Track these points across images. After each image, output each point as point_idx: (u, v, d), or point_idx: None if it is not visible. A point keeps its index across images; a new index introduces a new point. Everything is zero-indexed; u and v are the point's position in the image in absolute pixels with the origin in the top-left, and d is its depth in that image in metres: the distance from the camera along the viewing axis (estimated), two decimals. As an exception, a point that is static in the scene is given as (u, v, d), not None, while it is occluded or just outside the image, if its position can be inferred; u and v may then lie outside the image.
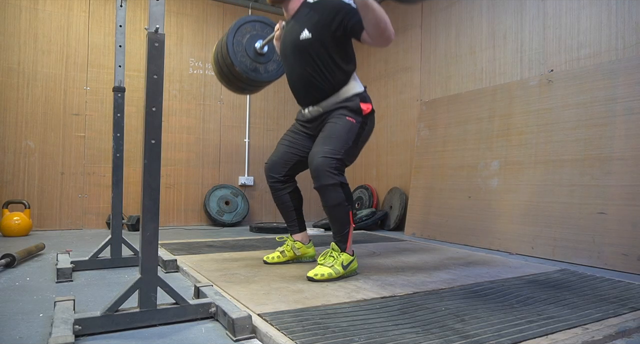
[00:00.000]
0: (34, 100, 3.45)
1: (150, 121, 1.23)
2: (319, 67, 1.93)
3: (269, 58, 2.43)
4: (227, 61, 2.32)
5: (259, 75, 2.41)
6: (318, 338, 1.13)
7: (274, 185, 2.16)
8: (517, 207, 2.76)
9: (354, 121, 1.91)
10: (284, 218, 2.22)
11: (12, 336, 1.18)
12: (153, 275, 1.25)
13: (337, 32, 1.87)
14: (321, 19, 1.89)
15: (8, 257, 2.00)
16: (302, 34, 1.92)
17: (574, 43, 2.69)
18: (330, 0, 1.91)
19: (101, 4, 3.70)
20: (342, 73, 1.95)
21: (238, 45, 2.34)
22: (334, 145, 1.84)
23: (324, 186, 1.79)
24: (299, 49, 1.95)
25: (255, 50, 2.38)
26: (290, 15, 2.05)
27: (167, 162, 3.92)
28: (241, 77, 2.37)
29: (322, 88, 1.95)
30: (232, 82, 2.47)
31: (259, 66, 2.40)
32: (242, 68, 2.33)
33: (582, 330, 1.23)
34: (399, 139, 4.09)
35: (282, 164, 2.13)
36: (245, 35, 2.36)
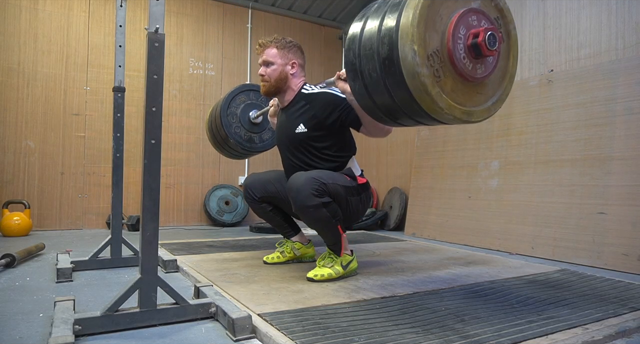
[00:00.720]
0: (34, 100, 3.45)
1: (150, 120, 1.23)
2: (315, 159, 1.92)
3: (263, 127, 2.43)
4: (222, 133, 2.33)
5: (253, 146, 2.41)
6: (318, 338, 1.13)
7: (251, 203, 2.13)
8: (517, 207, 2.76)
9: (349, 178, 1.85)
10: (275, 228, 2.21)
11: (12, 336, 1.18)
12: (153, 275, 1.25)
13: (334, 126, 1.86)
14: (317, 114, 1.87)
15: (8, 257, 2.00)
16: (297, 128, 1.91)
17: (574, 43, 2.69)
18: (325, 94, 1.88)
19: (101, 4, 3.70)
20: (338, 161, 1.92)
21: (232, 116, 2.33)
22: (321, 174, 1.74)
23: (304, 206, 1.67)
24: (295, 141, 1.94)
25: (250, 119, 2.37)
26: (285, 105, 2.03)
27: (167, 162, 3.92)
28: (236, 148, 2.37)
29: None
30: (226, 150, 2.48)
31: (253, 136, 2.39)
32: (236, 140, 2.34)
33: (582, 330, 1.23)
34: (399, 139, 4.09)
35: (260, 188, 2.09)
36: (239, 105, 2.36)
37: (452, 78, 1.21)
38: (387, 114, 1.32)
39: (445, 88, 1.20)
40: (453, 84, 1.22)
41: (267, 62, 1.97)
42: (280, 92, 2.00)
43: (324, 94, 1.89)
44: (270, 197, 2.09)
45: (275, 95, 2.02)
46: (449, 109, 1.19)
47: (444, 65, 1.20)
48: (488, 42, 1.20)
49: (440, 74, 1.19)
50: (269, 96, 2.03)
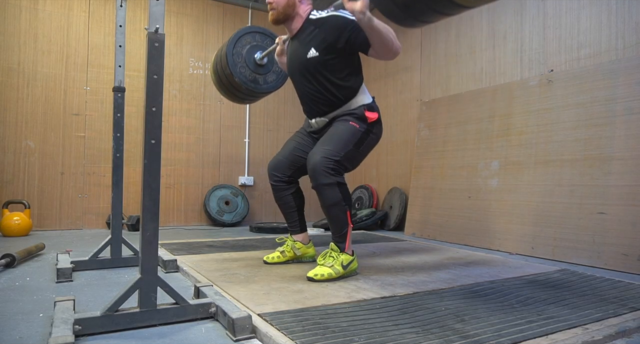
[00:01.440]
0: (34, 100, 3.45)
1: (150, 120, 1.23)
2: (327, 84, 1.94)
3: (268, 69, 2.43)
4: (227, 72, 2.32)
5: (258, 86, 2.41)
6: (318, 338, 1.13)
7: (277, 185, 2.16)
8: (517, 207, 2.76)
9: (358, 126, 1.91)
10: (285, 218, 2.22)
11: (12, 336, 1.18)
12: (153, 275, 1.25)
13: (344, 49, 1.88)
14: (327, 37, 1.89)
15: (8, 257, 2.00)
16: (309, 53, 1.93)
17: (574, 43, 2.69)
18: (334, 17, 1.90)
19: (101, 4, 3.70)
20: (350, 87, 1.95)
21: (237, 56, 2.34)
22: (333, 146, 1.84)
23: (320, 185, 1.80)
24: (307, 67, 1.96)
25: (255, 61, 2.37)
26: (294, 33, 2.04)
27: (167, 162, 3.92)
28: (240, 88, 2.37)
29: (330, 102, 1.97)
30: (230, 92, 2.47)
31: (258, 77, 2.40)
32: (241, 79, 2.33)
33: (582, 330, 1.23)
34: (399, 139, 4.09)
35: (288, 165, 2.13)
36: (245, 46, 2.36)
37: None
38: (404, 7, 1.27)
39: None
40: None
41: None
42: (289, 19, 2.01)
43: (333, 17, 1.90)
44: (300, 168, 2.12)
45: (283, 22, 2.03)
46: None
47: None
48: None
49: None
50: (278, 23, 2.04)
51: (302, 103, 2.11)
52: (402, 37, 4.06)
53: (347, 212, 1.85)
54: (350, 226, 1.87)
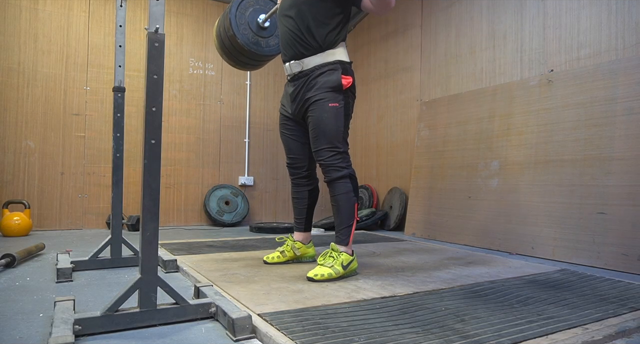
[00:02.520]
0: (34, 100, 3.45)
1: (150, 121, 1.23)
2: (310, 22, 1.93)
3: (270, 32, 2.44)
4: (229, 33, 2.32)
5: (260, 49, 2.40)
6: (318, 338, 1.13)
7: (298, 181, 2.21)
8: (517, 207, 2.76)
9: (337, 104, 1.92)
10: (295, 213, 2.24)
11: (12, 336, 1.18)
12: (153, 275, 1.25)
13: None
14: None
15: (8, 257, 2.00)
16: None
17: (574, 43, 2.69)
18: None
19: (101, 4, 3.70)
20: (332, 36, 1.95)
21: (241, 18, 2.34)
22: (330, 138, 1.90)
23: (334, 178, 1.90)
24: (297, 4, 1.95)
25: (258, 24, 2.38)
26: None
27: (167, 162, 3.92)
28: (242, 50, 2.37)
29: (309, 43, 1.94)
30: (232, 56, 2.46)
31: (260, 40, 2.40)
32: (243, 40, 2.33)
33: (582, 330, 1.23)
34: (399, 139, 4.09)
35: (300, 160, 2.17)
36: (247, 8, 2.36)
37: None
38: None
39: None
40: None
41: None
42: None
43: None
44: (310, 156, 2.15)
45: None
46: None
47: None
48: None
49: None
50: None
51: (282, 46, 2.07)
52: (402, 37, 4.07)
53: (355, 205, 1.92)
54: (355, 219, 1.92)
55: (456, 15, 3.52)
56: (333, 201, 1.93)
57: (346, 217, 1.90)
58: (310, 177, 2.20)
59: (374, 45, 4.47)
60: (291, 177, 2.23)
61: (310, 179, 2.21)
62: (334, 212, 1.94)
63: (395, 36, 4.17)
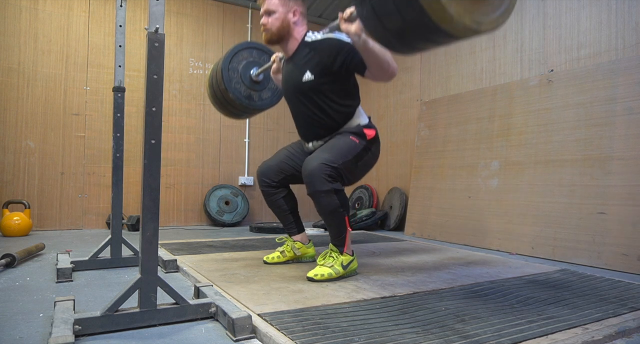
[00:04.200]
0: (34, 100, 3.45)
1: (150, 121, 1.23)
2: (323, 107, 1.92)
3: (263, 86, 2.42)
4: (221, 87, 2.32)
5: (252, 103, 2.39)
6: (318, 338, 1.13)
7: (266, 190, 2.16)
8: (517, 207, 2.76)
9: (357, 140, 1.89)
10: (280, 221, 2.22)
11: (12, 336, 1.18)
12: (153, 275, 1.25)
13: (340, 71, 1.86)
14: (322, 60, 1.87)
15: (8, 257, 2.00)
16: (304, 76, 1.91)
17: (574, 43, 2.69)
18: (329, 40, 1.88)
19: (101, 4, 3.70)
20: (346, 110, 1.94)
21: (233, 71, 2.33)
22: (332, 154, 1.80)
23: (317, 192, 1.75)
24: (302, 90, 1.94)
25: (251, 77, 2.37)
26: (289, 55, 2.02)
27: (167, 162, 3.92)
28: (234, 103, 2.36)
29: (327, 125, 1.95)
30: (225, 107, 2.46)
31: (253, 93, 2.39)
32: (235, 95, 2.32)
33: (582, 330, 1.23)
34: (399, 139, 4.09)
35: (276, 171, 2.12)
36: (241, 61, 2.35)
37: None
38: (397, 35, 1.27)
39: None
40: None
41: (268, 11, 1.98)
42: (283, 40, 2.00)
43: (328, 40, 1.89)
44: (288, 176, 2.11)
45: (277, 43, 2.02)
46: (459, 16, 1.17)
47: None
48: None
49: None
50: (272, 44, 2.03)
51: (298, 126, 2.07)
52: (402, 37, 4.06)
53: (346, 218, 1.82)
54: (348, 230, 1.85)
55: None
56: (322, 217, 1.83)
57: (338, 232, 1.84)
58: (279, 187, 2.14)
59: (374, 45, 4.46)
60: (260, 186, 2.17)
61: (279, 188, 2.15)
62: (326, 225, 1.88)
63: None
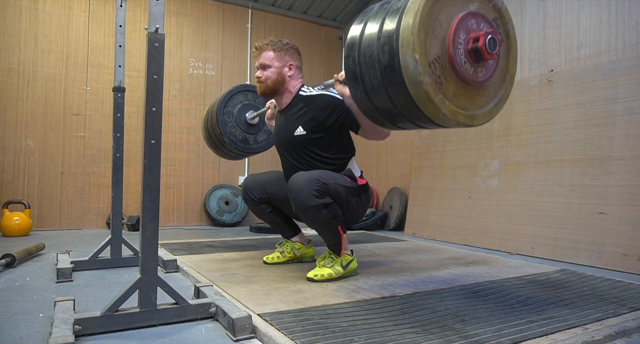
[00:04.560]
0: (34, 100, 3.45)
1: (150, 121, 1.23)
2: (314, 161, 1.91)
3: (259, 129, 2.42)
4: (217, 131, 2.32)
5: (248, 147, 2.40)
6: (318, 338, 1.13)
7: (249, 204, 2.12)
8: (517, 207, 2.76)
9: (349, 179, 1.85)
10: (275, 228, 2.21)
11: (12, 336, 1.18)
12: (153, 275, 1.25)
13: (332, 127, 1.86)
14: (315, 116, 1.87)
15: (8, 257, 2.00)
16: (296, 131, 1.91)
17: (574, 43, 2.69)
18: (323, 96, 1.88)
19: (101, 4, 3.70)
20: (338, 162, 1.92)
21: (228, 115, 2.33)
22: (322, 174, 1.73)
23: (305, 208, 1.67)
24: (293, 144, 1.93)
25: (246, 120, 2.36)
26: (283, 107, 2.02)
27: (167, 162, 3.92)
28: (230, 147, 2.36)
29: None
30: (221, 150, 2.47)
31: (248, 137, 2.39)
32: (231, 139, 2.33)
33: (582, 330, 1.23)
34: (399, 139, 4.09)
35: (260, 189, 2.08)
36: (236, 105, 2.35)
37: (454, 83, 1.21)
38: (389, 119, 1.32)
39: (447, 94, 1.19)
40: (455, 89, 1.22)
41: (264, 66, 1.96)
42: (277, 93, 1.99)
43: (322, 96, 1.89)
44: (270, 198, 2.09)
45: (272, 96, 2.02)
46: (452, 115, 1.19)
47: (445, 71, 1.19)
48: (489, 46, 1.19)
49: (442, 81, 1.18)
50: (266, 97, 2.02)
51: (286, 177, 2.00)
52: (402, 37, 4.06)
53: (339, 227, 1.77)
54: (343, 237, 1.81)
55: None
56: (313, 228, 1.79)
57: (333, 240, 1.80)
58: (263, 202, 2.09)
59: (374, 45, 4.46)
60: (243, 196, 2.12)
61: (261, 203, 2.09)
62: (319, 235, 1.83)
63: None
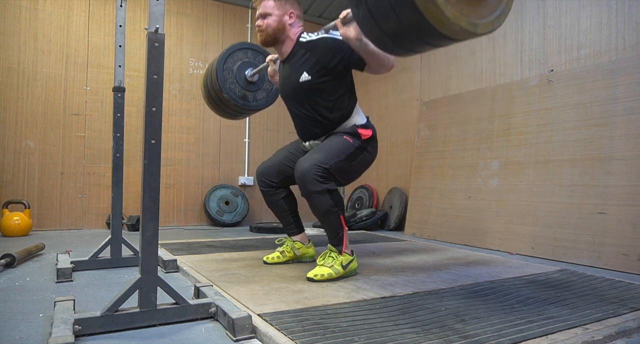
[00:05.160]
0: (34, 100, 3.45)
1: (150, 121, 1.23)
2: (320, 107, 1.93)
3: (258, 87, 2.42)
4: (216, 87, 2.31)
5: (247, 104, 2.39)
6: (318, 338, 1.13)
7: (266, 190, 2.16)
8: (517, 207, 2.76)
9: (351, 140, 1.88)
10: (280, 222, 2.23)
11: (12, 336, 1.18)
12: (153, 275, 1.25)
13: (337, 69, 1.86)
14: (319, 60, 1.87)
15: (8, 257, 2.00)
16: (301, 77, 1.91)
17: (574, 43, 2.69)
18: (325, 39, 1.89)
19: (101, 4, 3.70)
20: (344, 109, 1.94)
21: (228, 71, 2.32)
22: (323, 155, 1.80)
23: (310, 192, 1.76)
24: (300, 91, 1.94)
25: (246, 78, 2.36)
26: (285, 57, 2.03)
27: (167, 162, 3.92)
28: (229, 104, 2.36)
29: (324, 125, 1.96)
30: (220, 108, 2.46)
31: (248, 94, 2.39)
32: (230, 95, 2.32)
33: (582, 330, 1.23)
34: (399, 139, 4.09)
35: (275, 172, 2.13)
36: (236, 62, 2.35)
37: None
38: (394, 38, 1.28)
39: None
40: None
41: (264, 14, 1.96)
42: (278, 42, 1.99)
43: (324, 39, 1.89)
44: (288, 177, 2.11)
45: (273, 45, 2.01)
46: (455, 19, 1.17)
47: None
48: None
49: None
50: (267, 45, 2.03)
51: (296, 126, 2.09)
52: (402, 37, 4.06)
53: (341, 217, 1.82)
54: (345, 229, 1.85)
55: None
56: (317, 217, 1.84)
57: (335, 232, 1.84)
58: (278, 187, 2.15)
59: (374, 45, 4.46)
60: (260, 186, 2.18)
61: (279, 188, 2.16)
62: (322, 226, 1.88)
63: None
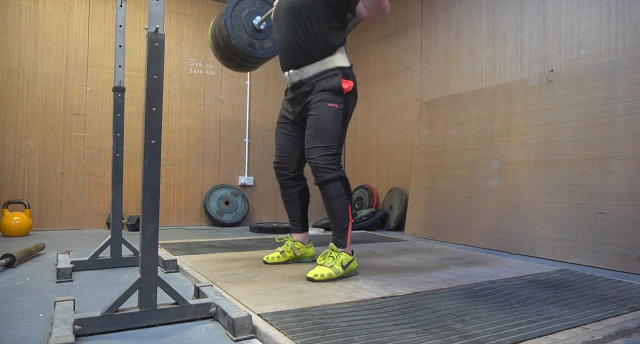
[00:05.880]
0: (34, 100, 3.45)
1: (150, 121, 1.23)
2: (308, 29, 1.93)
3: (266, 35, 2.43)
4: (224, 34, 2.32)
5: (254, 51, 2.40)
6: (318, 338, 1.13)
7: (285, 182, 2.18)
8: (517, 207, 2.76)
9: (337, 105, 1.91)
10: (288, 215, 2.24)
11: (12, 336, 1.18)
12: (153, 275, 1.25)
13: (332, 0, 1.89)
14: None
15: (8, 257, 2.00)
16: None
17: (574, 43, 2.69)
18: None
19: (101, 4, 3.70)
20: (330, 41, 1.94)
21: (236, 19, 2.33)
22: (325, 139, 1.88)
23: (324, 181, 1.86)
24: (293, 9, 1.95)
25: (253, 26, 2.37)
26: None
27: (167, 162, 3.92)
28: (236, 51, 2.36)
29: (307, 51, 1.94)
30: (226, 56, 2.46)
31: (255, 42, 2.40)
32: (238, 42, 2.32)
33: (582, 330, 1.23)
34: (399, 139, 4.09)
35: (290, 161, 2.15)
36: (244, 10, 2.36)
37: None
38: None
39: None
40: None
41: None
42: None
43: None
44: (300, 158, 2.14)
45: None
46: None
47: None
48: None
49: None
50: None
51: (280, 55, 2.07)
52: (402, 37, 4.07)
53: (349, 207, 1.89)
54: (351, 221, 1.90)
55: (456, 16, 3.51)
56: (326, 204, 1.90)
57: (340, 221, 1.88)
58: (298, 178, 2.18)
59: (374, 45, 4.47)
60: (279, 179, 2.19)
61: (298, 180, 2.19)
62: (328, 216, 1.93)
63: (395, 36, 4.17)
